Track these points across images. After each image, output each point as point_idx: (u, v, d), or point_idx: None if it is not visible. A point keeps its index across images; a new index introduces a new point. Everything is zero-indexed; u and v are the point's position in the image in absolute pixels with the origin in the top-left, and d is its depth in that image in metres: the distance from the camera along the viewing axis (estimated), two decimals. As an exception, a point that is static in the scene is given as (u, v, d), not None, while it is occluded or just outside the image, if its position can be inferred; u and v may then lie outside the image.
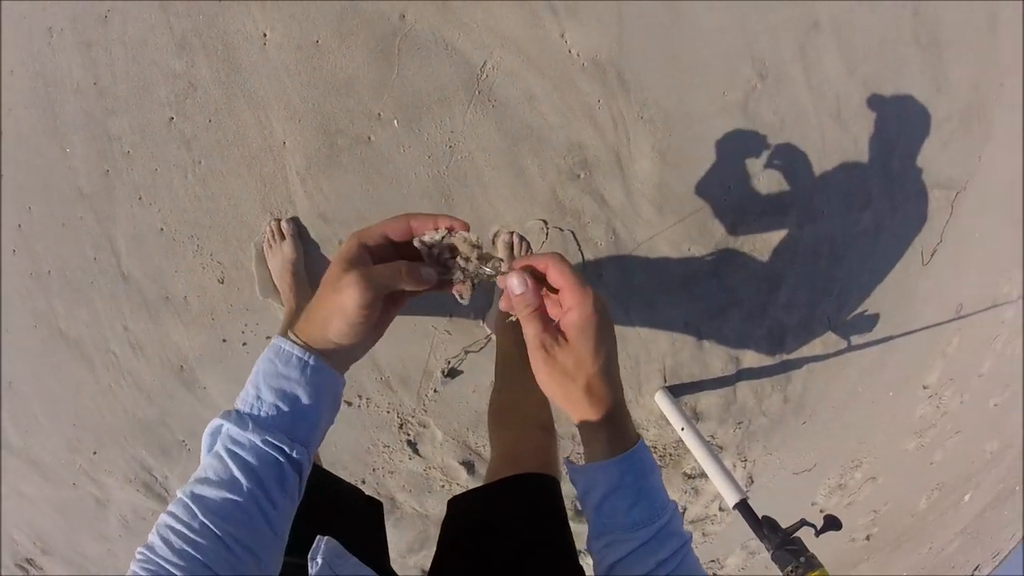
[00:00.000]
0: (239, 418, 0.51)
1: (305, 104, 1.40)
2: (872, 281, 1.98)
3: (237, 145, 1.42)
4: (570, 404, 0.53)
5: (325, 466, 1.80)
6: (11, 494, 1.93)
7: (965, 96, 1.79)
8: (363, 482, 1.93)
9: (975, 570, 5.55)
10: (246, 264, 1.53)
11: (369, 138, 1.44)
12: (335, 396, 0.55)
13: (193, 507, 0.48)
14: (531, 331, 0.51)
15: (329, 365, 0.53)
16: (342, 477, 1.01)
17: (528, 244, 1.55)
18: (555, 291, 0.52)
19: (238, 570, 0.48)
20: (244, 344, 1.64)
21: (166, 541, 0.47)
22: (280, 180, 1.46)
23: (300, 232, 1.50)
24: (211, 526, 0.47)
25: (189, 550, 0.46)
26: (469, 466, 1.93)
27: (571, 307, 0.50)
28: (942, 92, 1.73)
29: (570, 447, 1.97)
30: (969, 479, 3.58)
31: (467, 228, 0.54)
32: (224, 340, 1.63)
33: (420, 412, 1.81)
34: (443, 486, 1.97)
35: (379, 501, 1.01)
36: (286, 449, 0.51)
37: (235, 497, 0.49)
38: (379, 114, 1.42)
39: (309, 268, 1.53)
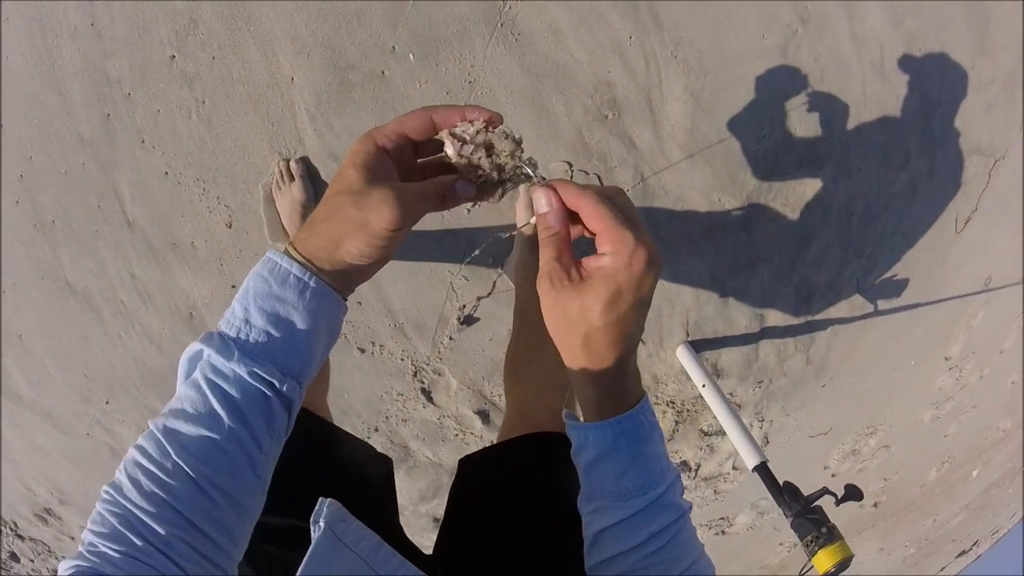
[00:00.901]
0: (223, 344, 0.45)
1: (314, 37, 1.31)
2: (904, 245, 1.92)
3: (243, 83, 1.35)
4: (564, 349, 0.46)
5: (337, 413, 1.83)
6: (26, 447, 1.95)
7: (1010, 63, 1.69)
8: (376, 430, 1.92)
9: (973, 545, 5.65)
10: (254, 207, 1.48)
11: (383, 73, 1.35)
12: (335, 324, 0.49)
13: (166, 444, 0.43)
14: (544, 255, 0.44)
15: (332, 288, 0.46)
16: (355, 424, 0.97)
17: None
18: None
19: (213, 516, 0.43)
20: (254, 291, 1.60)
21: (134, 481, 0.42)
22: (288, 118, 1.38)
23: (310, 173, 1.43)
24: (185, 467, 0.42)
25: (159, 493, 0.41)
26: (484, 415, 1.91)
27: (605, 253, 0.42)
28: (988, 56, 1.63)
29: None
30: (980, 454, 3.60)
31: (501, 121, 0.47)
32: (233, 286, 1.59)
33: (435, 360, 1.78)
34: (457, 435, 1.96)
35: (389, 457, 0.97)
36: (275, 383, 0.45)
37: (214, 435, 0.43)
38: (393, 47, 1.33)
39: (319, 210, 1.48)
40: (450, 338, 1.74)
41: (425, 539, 2.14)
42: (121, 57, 1.31)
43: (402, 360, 1.77)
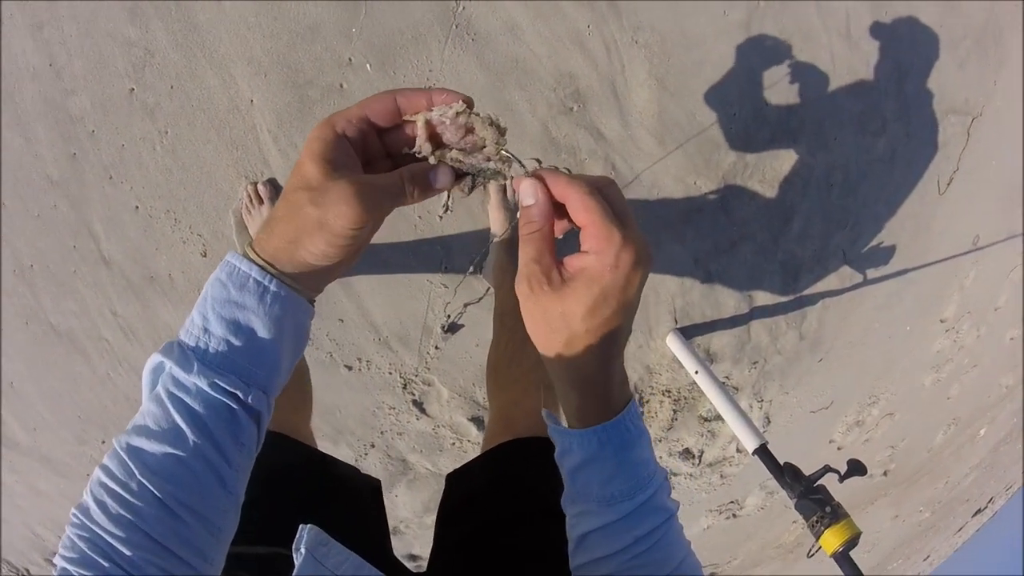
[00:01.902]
0: (182, 355, 0.42)
1: (269, 57, 1.30)
2: (887, 211, 1.90)
3: (203, 109, 1.34)
4: (545, 355, 0.44)
5: (331, 432, 1.82)
6: (28, 492, 1.94)
7: (980, 16, 1.68)
8: (372, 446, 1.91)
9: (989, 502, 5.66)
10: (227, 233, 1.47)
11: (341, 86, 1.34)
12: (301, 329, 0.46)
13: (129, 463, 0.41)
14: (524, 255, 0.41)
15: (295, 290, 0.44)
16: (351, 442, 0.96)
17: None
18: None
19: (184, 537, 0.41)
20: (235, 319, 1.58)
21: (100, 503, 0.40)
22: (252, 141, 1.37)
23: (278, 194, 1.41)
24: (150, 487, 0.40)
25: (127, 515, 0.39)
26: (478, 422, 1.90)
27: (590, 251, 0.39)
28: (956, 12, 1.62)
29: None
30: (985, 413, 3.59)
31: (472, 104, 0.43)
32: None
33: (423, 370, 1.77)
34: (454, 444, 1.94)
35: (377, 479, 0.95)
36: (240, 395, 0.43)
37: (178, 452, 0.41)
38: (350, 59, 1.32)
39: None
40: (436, 347, 1.73)
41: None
42: (81, 95, 1.31)
43: (390, 374, 1.76)
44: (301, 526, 0.46)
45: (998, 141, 1.94)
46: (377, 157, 0.45)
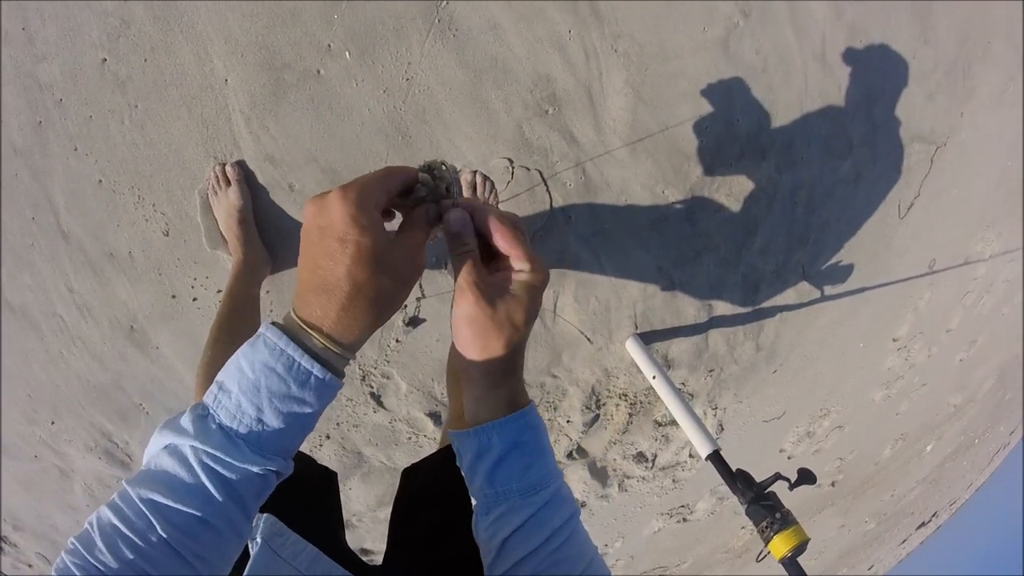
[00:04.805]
0: (227, 440, 0.43)
1: (248, 37, 1.28)
2: (848, 231, 1.97)
3: (175, 85, 1.31)
4: (481, 355, 0.49)
5: None
6: (-27, 473, 1.86)
7: (951, 50, 1.76)
8: (327, 437, 1.89)
9: (933, 516, 5.89)
10: (191, 214, 1.43)
11: (318, 72, 1.33)
12: (333, 399, 0.50)
13: (151, 518, 0.42)
14: (465, 273, 0.47)
15: (343, 369, 0.48)
16: None
17: (492, 184, 1.47)
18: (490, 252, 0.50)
19: None
20: (194, 300, 1.55)
21: (110, 545, 0.40)
22: (223, 121, 1.35)
23: (247, 177, 1.40)
24: (171, 542, 0.42)
25: (138, 561, 0.40)
26: (435, 417, 1.90)
27: (523, 269, 0.48)
28: (929, 44, 1.69)
29: (539, 396, 1.95)
30: (932, 430, 3.73)
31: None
32: (173, 296, 1.54)
33: (383, 363, 1.76)
34: (410, 438, 1.94)
35: (333, 471, 0.96)
36: (280, 470, 0.46)
37: (205, 516, 0.43)
38: (329, 45, 1.31)
39: (257, 215, 1.44)
40: (396, 340, 1.72)
41: (384, 545, 2.11)
42: (52, 62, 1.27)
43: (349, 365, 1.74)
44: (257, 515, 0.47)
45: (960, 171, 2.03)
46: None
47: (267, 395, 0.43)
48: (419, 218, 0.48)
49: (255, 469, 0.44)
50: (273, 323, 0.45)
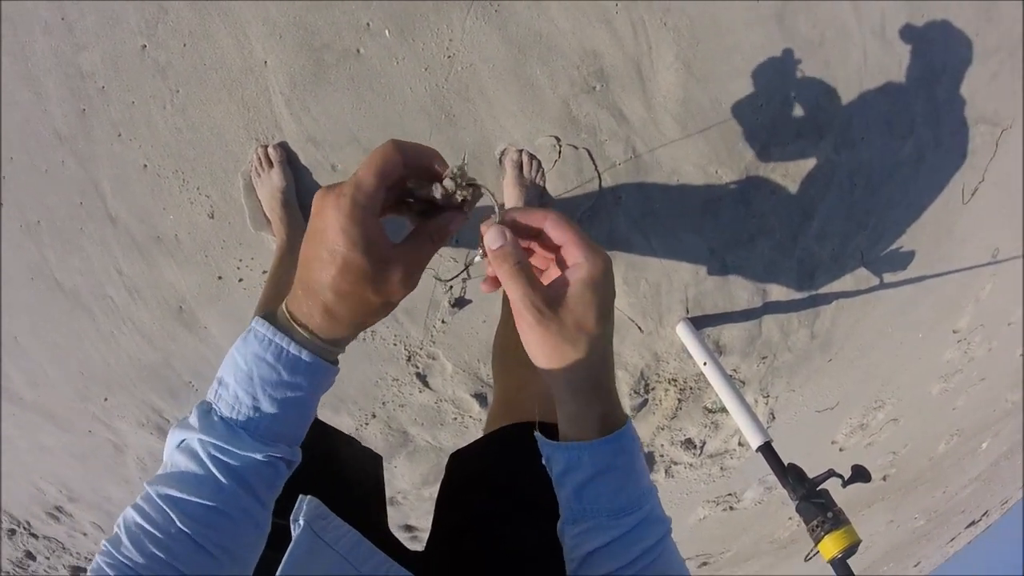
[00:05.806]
0: (229, 432, 0.45)
1: (286, 18, 1.26)
2: (909, 216, 1.85)
3: (215, 69, 1.31)
4: (565, 372, 0.45)
5: (333, 400, 1.80)
6: (32, 447, 1.97)
7: (1015, 30, 1.61)
8: (373, 416, 1.91)
9: (984, 515, 5.66)
10: (235, 196, 1.44)
11: (358, 51, 1.30)
12: (330, 385, 0.51)
13: (169, 512, 0.44)
14: (517, 291, 0.43)
15: (336, 357, 0.48)
16: (351, 411, 0.96)
17: (539, 163, 1.43)
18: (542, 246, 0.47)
19: (213, 571, 0.44)
20: (240, 280, 1.58)
21: (135, 542, 0.43)
22: (264, 103, 1.34)
23: (289, 158, 1.39)
24: (190, 533, 0.44)
25: (161, 554, 0.43)
26: (481, 398, 1.89)
27: (579, 263, 0.43)
28: (992, 23, 1.55)
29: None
30: (989, 427, 3.57)
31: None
32: (220, 277, 1.57)
33: (428, 344, 1.76)
34: (456, 419, 1.94)
35: (378, 454, 0.96)
36: (286, 458, 0.48)
37: (218, 505, 0.45)
38: (368, 24, 1.28)
39: (300, 196, 1.44)
40: (442, 321, 1.71)
41: (429, 523, 2.15)
42: (93, 50, 1.28)
43: (395, 345, 1.75)
44: (300, 497, 0.47)
45: (1024, 154, 1.88)
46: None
47: (260, 383, 0.45)
48: (428, 235, 0.46)
49: (259, 456, 0.46)
50: (263, 316, 0.46)
